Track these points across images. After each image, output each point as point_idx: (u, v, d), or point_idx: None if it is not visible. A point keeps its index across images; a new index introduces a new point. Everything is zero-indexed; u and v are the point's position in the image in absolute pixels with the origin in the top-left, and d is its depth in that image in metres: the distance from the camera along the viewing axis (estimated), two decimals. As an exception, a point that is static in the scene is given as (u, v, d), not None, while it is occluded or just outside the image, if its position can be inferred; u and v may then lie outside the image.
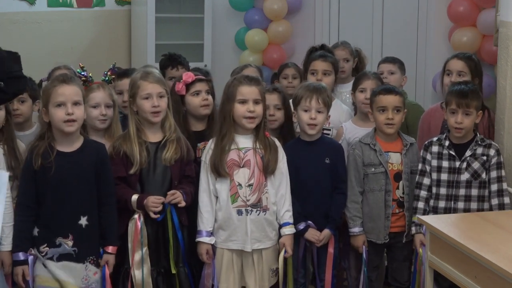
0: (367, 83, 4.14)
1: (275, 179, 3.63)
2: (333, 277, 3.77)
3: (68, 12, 6.49)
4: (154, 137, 3.58)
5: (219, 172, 3.55)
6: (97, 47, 6.60)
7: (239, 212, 3.56)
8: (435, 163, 3.72)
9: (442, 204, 3.69)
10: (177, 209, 3.50)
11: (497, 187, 3.63)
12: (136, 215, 3.46)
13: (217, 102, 3.90)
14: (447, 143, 3.71)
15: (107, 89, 3.79)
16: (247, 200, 3.55)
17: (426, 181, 3.73)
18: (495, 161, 3.64)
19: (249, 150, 3.59)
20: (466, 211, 3.63)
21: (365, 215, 3.80)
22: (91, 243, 3.40)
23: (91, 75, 3.66)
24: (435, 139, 3.77)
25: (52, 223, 3.35)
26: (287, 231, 3.63)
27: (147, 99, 3.53)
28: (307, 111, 3.74)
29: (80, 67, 3.72)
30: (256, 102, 3.56)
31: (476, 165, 3.65)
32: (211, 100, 3.90)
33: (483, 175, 3.65)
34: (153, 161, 3.53)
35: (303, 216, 3.71)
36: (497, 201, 3.63)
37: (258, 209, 3.57)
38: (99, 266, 3.42)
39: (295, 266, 3.75)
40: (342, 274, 4.04)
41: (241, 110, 3.55)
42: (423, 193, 3.73)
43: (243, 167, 3.57)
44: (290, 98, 3.99)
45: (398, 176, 3.80)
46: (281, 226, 3.64)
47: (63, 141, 3.38)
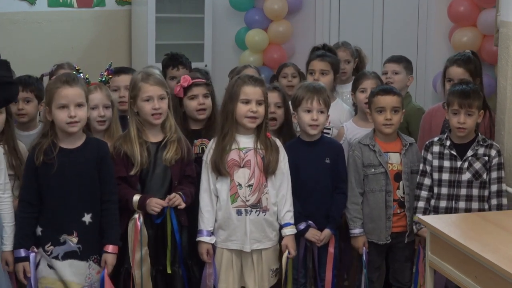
0: (367, 83, 4.14)
1: (276, 179, 3.63)
2: (333, 277, 3.77)
3: (68, 12, 6.47)
4: (154, 137, 3.58)
5: (220, 171, 3.54)
6: (98, 47, 6.58)
7: (239, 212, 3.56)
8: (436, 163, 3.72)
9: (443, 203, 3.69)
10: (177, 209, 3.50)
11: (496, 187, 3.64)
12: (136, 215, 3.46)
13: (218, 103, 3.90)
14: (448, 143, 3.71)
15: (104, 90, 3.77)
16: (247, 201, 3.55)
17: (427, 181, 3.73)
18: (496, 161, 3.65)
19: (249, 150, 3.59)
20: (467, 211, 3.63)
21: (366, 216, 3.80)
22: (95, 241, 3.39)
23: (87, 77, 3.63)
24: (436, 139, 3.77)
25: (56, 220, 3.34)
26: (288, 231, 3.63)
27: (148, 101, 3.52)
28: (309, 112, 3.74)
29: (75, 69, 3.67)
30: (259, 103, 3.56)
31: (477, 165, 3.65)
32: (208, 104, 3.89)
33: (484, 176, 3.65)
34: (153, 161, 3.53)
35: (304, 216, 3.71)
36: (496, 201, 3.64)
37: (258, 209, 3.57)
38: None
39: (295, 266, 3.75)
40: (343, 274, 4.05)
41: (243, 109, 3.55)
42: (423, 193, 3.73)
43: (243, 167, 3.57)
44: (290, 98, 4.00)
45: (398, 176, 3.80)
46: (282, 227, 3.64)
47: (66, 139, 3.38)
